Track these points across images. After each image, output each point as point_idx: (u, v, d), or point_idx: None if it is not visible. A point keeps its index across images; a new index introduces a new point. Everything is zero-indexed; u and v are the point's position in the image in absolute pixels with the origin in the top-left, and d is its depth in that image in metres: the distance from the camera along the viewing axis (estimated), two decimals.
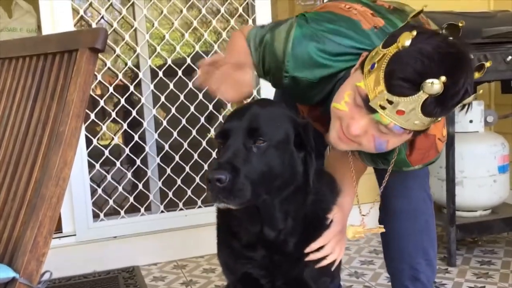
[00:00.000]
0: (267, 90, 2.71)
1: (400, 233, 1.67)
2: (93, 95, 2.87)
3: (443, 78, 1.11)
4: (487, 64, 1.25)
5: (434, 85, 1.11)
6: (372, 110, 1.20)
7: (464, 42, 1.23)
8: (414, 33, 1.14)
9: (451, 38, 1.22)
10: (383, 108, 1.18)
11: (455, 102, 1.19)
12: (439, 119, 1.25)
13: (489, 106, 3.23)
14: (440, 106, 1.17)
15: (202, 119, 2.97)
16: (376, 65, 1.19)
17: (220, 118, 3.03)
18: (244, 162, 1.21)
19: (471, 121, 2.64)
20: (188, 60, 2.93)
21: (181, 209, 2.93)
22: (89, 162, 2.76)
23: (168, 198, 2.91)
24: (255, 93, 2.85)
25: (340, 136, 1.32)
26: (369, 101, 1.20)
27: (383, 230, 1.54)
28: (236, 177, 1.18)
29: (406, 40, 1.14)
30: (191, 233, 2.84)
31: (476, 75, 1.23)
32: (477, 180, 2.60)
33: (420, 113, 1.16)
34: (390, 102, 1.16)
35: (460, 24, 1.24)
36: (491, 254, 2.69)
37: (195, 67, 2.93)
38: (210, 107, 2.98)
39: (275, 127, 1.27)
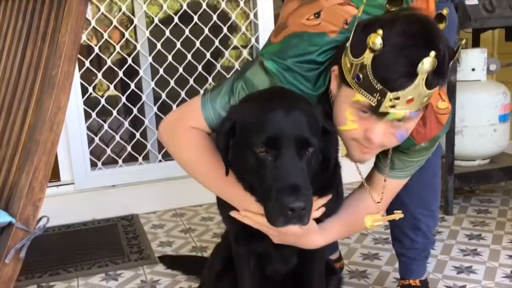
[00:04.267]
0: None
1: (406, 185, 1.61)
2: (89, 42, 2.80)
3: (432, 53, 1.11)
4: (444, 12, 1.23)
5: (427, 63, 1.11)
6: (383, 114, 1.20)
7: (412, 8, 1.24)
8: (380, 32, 1.12)
9: (403, 12, 1.21)
10: (393, 106, 1.18)
11: (448, 63, 1.19)
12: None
13: (492, 54, 3.17)
14: (440, 75, 1.18)
15: (200, 68, 2.92)
16: (361, 76, 1.18)
17: (218, 67, 2.98)
18: (306, 178, 1.17)
19: (473, 70, 2.59)
20: (184, 6, 2.85)
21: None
22: (85, 112, 2.74)
23: None
24: None
25: (363, 151, 1.31)
26: (377, 109, 1.19)
27: (402, 215, 1.51)
28: (310, 198, 1.16)
29: (377, 42, 1.12)
30: (189, 182, 2.78)
31: (441, 27, 1.22)
32: (477, 129, 2.58)
33: (426, 90, 1.17)
34: (397, 98, 1.16)
35: None
36: (488, 203, 2.71)
37: (192, 14, 2.86)
38: (208, 55, 2.92)
39: (315, 131, 1.22)
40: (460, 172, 2.58)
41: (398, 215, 1.50)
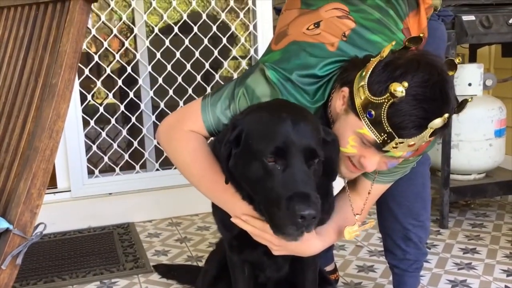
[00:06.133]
0: None
1: (395, 195, 1.68)
2: (88, 50, 2.82)
3: (446, 115, 1.17)
4: (457, 61, 1.28)
5: (439, 121, 1.18)
6: (384, 151, 1.25)
7: (432, 54, 1.27)
8: (406, 84, 1.15)
9: (423, 57, 1.24)
10: (395, 148, 1.23)
11: (452, 115, 1.25)
12: None
13: (488, 70, 3.20)
14: (445, 127, 1.23)
15: (198, 78, 2.94)
16: (374, 114, 1.22)
17: (217, 77, 3.00)
18: (314, 187, 1.18)
19: (469, 84, 2.61)
20: (184, 16, 2.87)
21: (176, 168, 2.93)
22: (84, 119, 2.75)
23: (163, 156, 2.91)
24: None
25: (352, 170, 1.36)
26: (381, 147, 1.24)
27: (373, 223, 1.57)
28: (319, 206, 1.16)
29: (399, 90, 1.15)
30: (186, 191, 2.84)
31: (450, 73, 1.26)
32: (473, 144, 2.60)
33: (428, 138, 1.22)
34: (402, 143, 1.22)
35: (421, 35, 1.30)
36: (483, 217, 2.72)
37: (192, 24, 2.88)
38: (207, 65, 2.94)
39: (319, 141, 1.24)
40: (456, 186, 2.59)
41: (371, 222, 1.55)
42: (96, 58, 2.77)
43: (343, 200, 1.55)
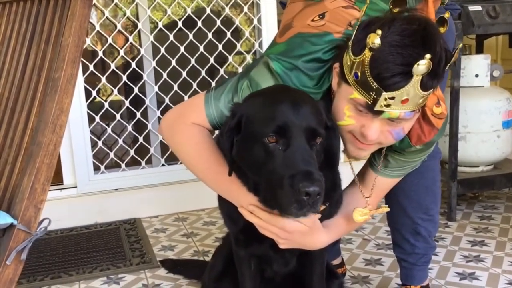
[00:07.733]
0: None
1: (405, 189, 1.65)
2: (94, 47, 2.81)
3: (427, 56, 1.13)
4: (446, 15, 1.27)
5: (422, 66, 1.14)
6: (378, 113, 1.23)
7: (415, 9, 1.28)
8: (379, 32, 1.15)
9: (404, 13, 1.24)
10: (388, 106, 1.20)
11: (443, 66, 1.22)
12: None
13: (495, 61, 3.17)
14: (435, 77, 1.20)
15: (203, 72, 2.93)
16: (359, 74, 1.21)
17: (221, 72, 2.99)
18: (317, 167, 1.17)
19: (476, 76, 2.59)
20: (189, 11, 2.86)
21: (181, 163, 2.92)
22: (89, 115, 2.75)
23: (169, 152, 2.90)
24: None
25: (359, 146, 1.33)
26: (372, 107, 1.22)
27: (388, 209, 1.54)
28: (323, 184, 1.14)
29: (375, 40, 1.15)
30: (192, 187, 2.84)
31: (442, 30, 1.25)
32: (480, 135, 2.57)
33: (421, 92, 1.19)
34: (392, 98, 1.19)
35: None
36: (491, 209, 2.70)
37: (196, 19, 2.87)
38: (211, 60, 2.93)
39: (320, 122, 1.23)
40: (464, 178, 2.57)
41: (384, 208, 1.52)
42: (100, 54, 2.77)
43: (351, 193, 1.53)
